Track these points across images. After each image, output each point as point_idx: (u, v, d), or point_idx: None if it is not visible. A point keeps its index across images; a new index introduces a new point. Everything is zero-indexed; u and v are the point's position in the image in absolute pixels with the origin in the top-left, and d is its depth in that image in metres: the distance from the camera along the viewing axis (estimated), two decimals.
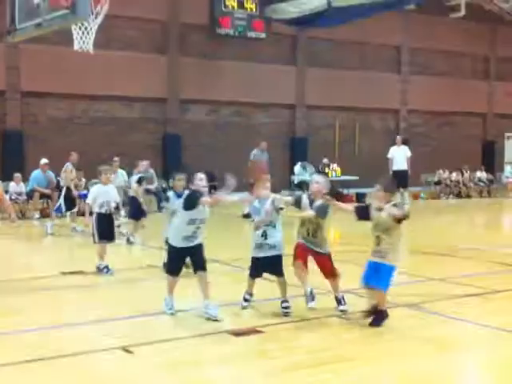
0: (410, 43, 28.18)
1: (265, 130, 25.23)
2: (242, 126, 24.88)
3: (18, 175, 18.28)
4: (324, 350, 6.50)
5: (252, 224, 8.05)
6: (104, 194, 10.11)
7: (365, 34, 26.65)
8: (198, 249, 7.76)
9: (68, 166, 15.78)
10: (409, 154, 22.07)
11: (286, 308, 7.58)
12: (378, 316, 7.10)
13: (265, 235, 7.65)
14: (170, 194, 8.59)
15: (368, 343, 6.68)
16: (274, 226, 7.66)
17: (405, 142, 23.39)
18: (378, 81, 27.23)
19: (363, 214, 7.33)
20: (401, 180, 22.05)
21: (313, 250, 7.62)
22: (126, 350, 6.38)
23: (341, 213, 7.76)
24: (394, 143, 23.25)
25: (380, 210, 7.12)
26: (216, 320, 7.33)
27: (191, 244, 7.67)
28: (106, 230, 10.00)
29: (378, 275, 7.00)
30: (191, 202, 7.52)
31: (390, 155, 22.22)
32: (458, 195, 25.18)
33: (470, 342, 6.91)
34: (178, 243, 7.65)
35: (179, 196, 8.23)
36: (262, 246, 7.69)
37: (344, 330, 7.13)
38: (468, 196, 25.32)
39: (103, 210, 10.04)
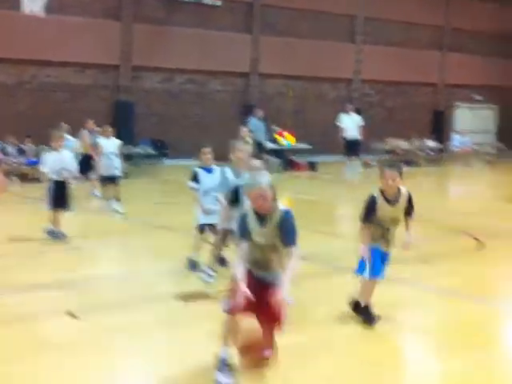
0: (365, 13, 28.23)
1: (218, 98, 25.13)
2: (196, 93, 24.72)
3: None
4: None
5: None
6: (58, 160, 9.95)
7: (320, 2, 26.62)
8: None
9: (84, 132, 15.82)
10: (361, 122, 22.25)
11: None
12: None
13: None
14: (198, 170, 8.08)
15: (317, 306, 6.80)
16: None
17: (357, 111, 23.57)
18: (332, 50, 27.28)
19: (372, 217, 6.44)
20: (352, 148, 22.28)
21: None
22: (72, 314, 6.38)
23: None
24: (344, 111, 23.41)
25: (393, 202, 6.40)
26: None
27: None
28: (59, 197, 9.86)
29: (384, 266, 6.55)
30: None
31: (339, 123, 22.37)
32: (408, 163, 25.53)
33: (411, 304, 7.13)
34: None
35: (208, 171, 7.94)
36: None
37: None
38: (417, 164, 25.72)
39: (56, 177, 9.89)
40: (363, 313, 6.33)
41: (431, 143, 26.70)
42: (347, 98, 28.24)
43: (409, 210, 6.46)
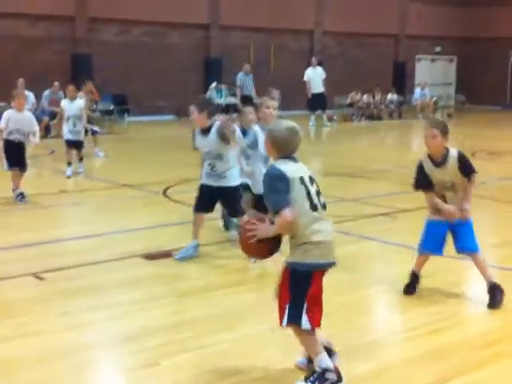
0: None
1: (178, 51, 24.65)
2: (155, 45, 24.20)
3: None
4: (240, 270, 6.57)
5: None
6: (16, 121, 9.56)
7: None
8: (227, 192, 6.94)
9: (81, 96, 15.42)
10: (324, 75, 22.12)
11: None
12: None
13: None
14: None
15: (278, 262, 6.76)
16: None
17: (320, 64, 23.41)
18: (293, 1, 26.90)
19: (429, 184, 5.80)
20: (319, 103, 22.21)
21: None
22: (36, 276, 6.27)
23: None
24: (309, 65, 23.22)
25: (440, 164, 5.69)
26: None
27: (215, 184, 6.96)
28: (14, 158, 9.53)
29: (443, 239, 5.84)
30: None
31: (306, 78, 22.20)
32: (370, 117, 25.58)
33: (374, 259, 7.17)
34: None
35: (244, 133, 7.12)
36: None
37: None
38: (379, 118, 25.76)
39: (12, 138, 9.54)
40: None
41: (393, 96, 26.70)
42: (309, 50, 27.99)
43: (464, 171, 5.65)
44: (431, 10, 31.18)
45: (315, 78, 21.83)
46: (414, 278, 5.97)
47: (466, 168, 5.66)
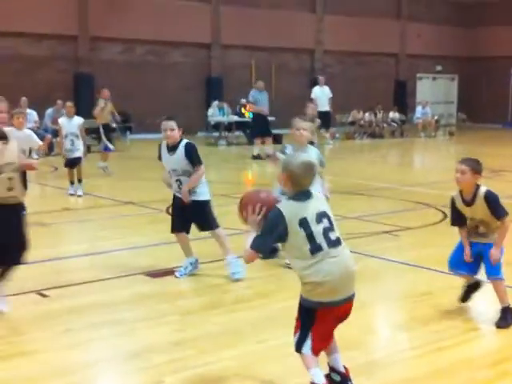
0: None
1: (180, 70, 24.80)
2: (157, 65, 24.35)
3: None
4: (245, 287, 6.57)
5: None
6: (16, 140, 9.48)
7: None
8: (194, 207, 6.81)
9: (100, 102, 15.40)
10: (330, 94, 22.24)
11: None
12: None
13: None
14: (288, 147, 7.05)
15: (284, 280, 6.77)
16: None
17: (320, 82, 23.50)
18: (293, 20, 27.09)
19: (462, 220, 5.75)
20: (324, 121, 22.30)
21: None
22: (40, 293, 6.26)
23: None
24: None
25: (469, 203, 5.61)
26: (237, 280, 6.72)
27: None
28: None
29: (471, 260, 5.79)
30: None
31: (313, 95, 22.32)
32: (372, 135, 25.65)
33: (378, 277, 7.14)
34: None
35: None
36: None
37: (262, 268, 7.20)
38: (381, 136, 25.83)
39: None
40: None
41: (394, 115, 26.80)
42: (310, 69, 28.15)
43: (493, 213, 5.51)
44: (432, 29, 31.39)
45: (322, 96, 21.95)
46: (467, 289, 5.93)
47: (494, 210, 5.53)
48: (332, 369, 4.31)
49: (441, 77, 33.35)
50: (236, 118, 22.99)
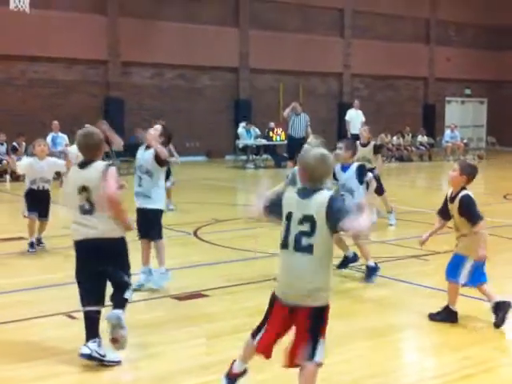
0: (353, 6, 28.18)
1: (208, 93, 25.02)
2: (186, 89, 24.60)
3: None
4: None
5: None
6: (39, 170, 9.21)
7: None
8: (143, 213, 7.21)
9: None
10: (363, 118, 22.30)
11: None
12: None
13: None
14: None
15: None
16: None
17: (350, 106, 23.54)
18: (321, 44, 27.22)
19: (445, 213, 6.27)
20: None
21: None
22: (69, 315, 6.32)
23: None
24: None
25: (451, 200, 6.15)
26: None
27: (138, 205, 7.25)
28: (36, 205, 9.16)
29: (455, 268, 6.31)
30: None
31: (348, 117, 22.39)
32: (400, 159, 25.56)
33: (407, 302, 7.09)
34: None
35: (344, 169, 7.75)
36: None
37: None
38: (409, 160, 25.73)
39: (35, 187, 9.23)
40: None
41: (423, 138, 26.70)
42: (338, 93, 28.21)
43: (464, 213, 5.94)
44: (460, 52, 31.31)
45: (356, 119, 22.05)
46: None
47: (465, 212, 5.95)
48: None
49: (470, 100, 33.18)
50: (264, 142, 23.08)
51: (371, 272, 7.65)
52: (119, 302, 5.31)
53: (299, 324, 4.12)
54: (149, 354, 5.43)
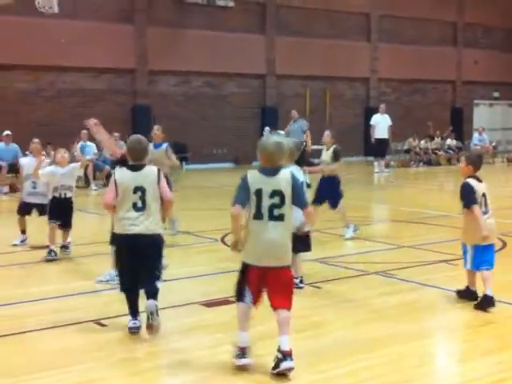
0: (379, 11, 28.08)
1: (235, 100, 25.09)
2: (213, 96, 24.70)
3: None
4: (298, 317, 6.53)
5: None
6: (61, 177, 9.30)
7: (333, 1, 26.50)
8: None
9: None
10: (390, 122, 22.21)
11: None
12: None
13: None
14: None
15: (340, 309, 6.74)
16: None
17: (376, 110, 23.45)
18: (348, 49, 27.15)
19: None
20: (380, 149, 22.26)
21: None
22: (98, 323, 6.37)
23: None
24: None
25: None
26: None
27: None
28: (58, 212, 9.24)
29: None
30: None
31: (372, 122, 22.31)
32: (428, 163, 25.38)
33: (436, 307, 7.03)
34: None
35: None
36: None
37: (317, 298, 7.18)
38: (438, 163, 25.53)
39: (57, 194, 9.31)
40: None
41: (452, 142, 26.48)
42: (365, 97, 28.12)
43: (461, 199, 6.79)
44: (488, 55, 31.01)
45: (382, 123, 21.97)
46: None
47: (461, 196, 6.70)
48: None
49: (498, 103, 32.83)
50: None
51: None
52: (154, 292, 5.97)
53: (274, 281, 5.11)
54: (178, 361, 5.45)
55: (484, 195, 6.82)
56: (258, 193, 5.06)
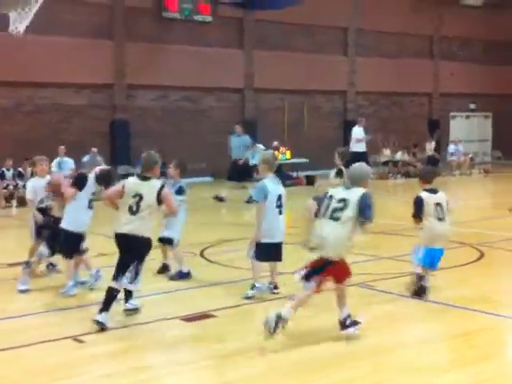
0: (357, 25, 28.33)
1: (214, 115, 25.14)
2: (191, 110, 24.73)
3: None
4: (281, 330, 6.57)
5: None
6: (42, 188, 9.05)
7: (311, 16, 26.66)
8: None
9: None
10: (368, 136, 22.38)
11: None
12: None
13: None
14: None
15: (320, 320, 6.77)
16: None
17: (354, 123, 23.61)
18: (326, 63, 27.33)
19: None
20: (360, 161, 22.37)
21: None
22: (76, 339, 6.34)
23: None
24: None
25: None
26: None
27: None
28: (45, 231, 8.95)
29: None
30: None
31: (353, 135, 22.46)
32: (406, 174, 25.56)
33: (415, 318, 7.09)
34: None
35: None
36: None
37: (301, 309, 7.19)
38: (416, 176, 25.68)
39: (43, 205, 9.13)
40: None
41: (430, 145, 26.81)
42: (342, 110, 28.32)
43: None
44: (464, 67, 31.37)
45: (360, 136, 22.17)
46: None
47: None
48: None
49: (474, 115, 33.20)
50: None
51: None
52: (127, 290, 6.98)
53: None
54: (159, 375, 5.45)
55: (439, 204, 7.82)
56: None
